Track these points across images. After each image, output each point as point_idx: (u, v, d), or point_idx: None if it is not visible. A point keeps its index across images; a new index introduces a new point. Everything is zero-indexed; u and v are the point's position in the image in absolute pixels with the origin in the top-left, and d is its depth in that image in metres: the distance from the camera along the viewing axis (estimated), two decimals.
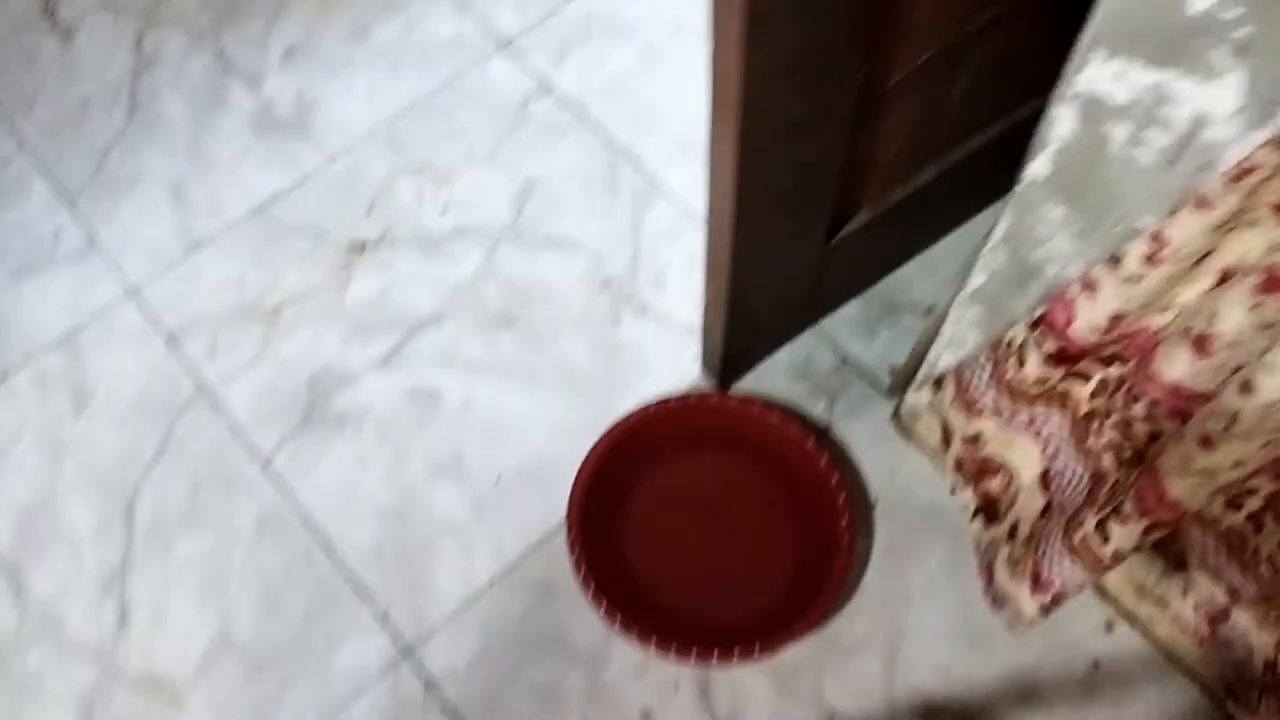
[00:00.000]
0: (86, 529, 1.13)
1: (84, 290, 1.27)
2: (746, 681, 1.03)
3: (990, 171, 1.15)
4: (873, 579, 1.07)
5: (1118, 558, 0.75)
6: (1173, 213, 0.60)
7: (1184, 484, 0.65)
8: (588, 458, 1.07)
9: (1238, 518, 0.79)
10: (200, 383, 1.20)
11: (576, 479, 1.06)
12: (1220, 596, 0.90)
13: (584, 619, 1.04)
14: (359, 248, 1.28)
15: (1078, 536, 0.78)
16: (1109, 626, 1.04)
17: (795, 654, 1.00)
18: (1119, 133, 0.59)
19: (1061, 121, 0.62)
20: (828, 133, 0.80)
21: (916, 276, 1.23)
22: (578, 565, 1.02)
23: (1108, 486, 0.81)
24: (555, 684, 1.04)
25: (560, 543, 1.08)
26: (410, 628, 1.07)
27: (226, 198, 1.32)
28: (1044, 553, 0.85)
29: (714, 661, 0.98)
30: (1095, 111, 0.59)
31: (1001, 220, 0.75)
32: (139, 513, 1.13)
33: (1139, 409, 0.75)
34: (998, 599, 0.97)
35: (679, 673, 1.03)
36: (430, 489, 1.13)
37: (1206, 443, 0.62)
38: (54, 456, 1.17)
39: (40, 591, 1.10)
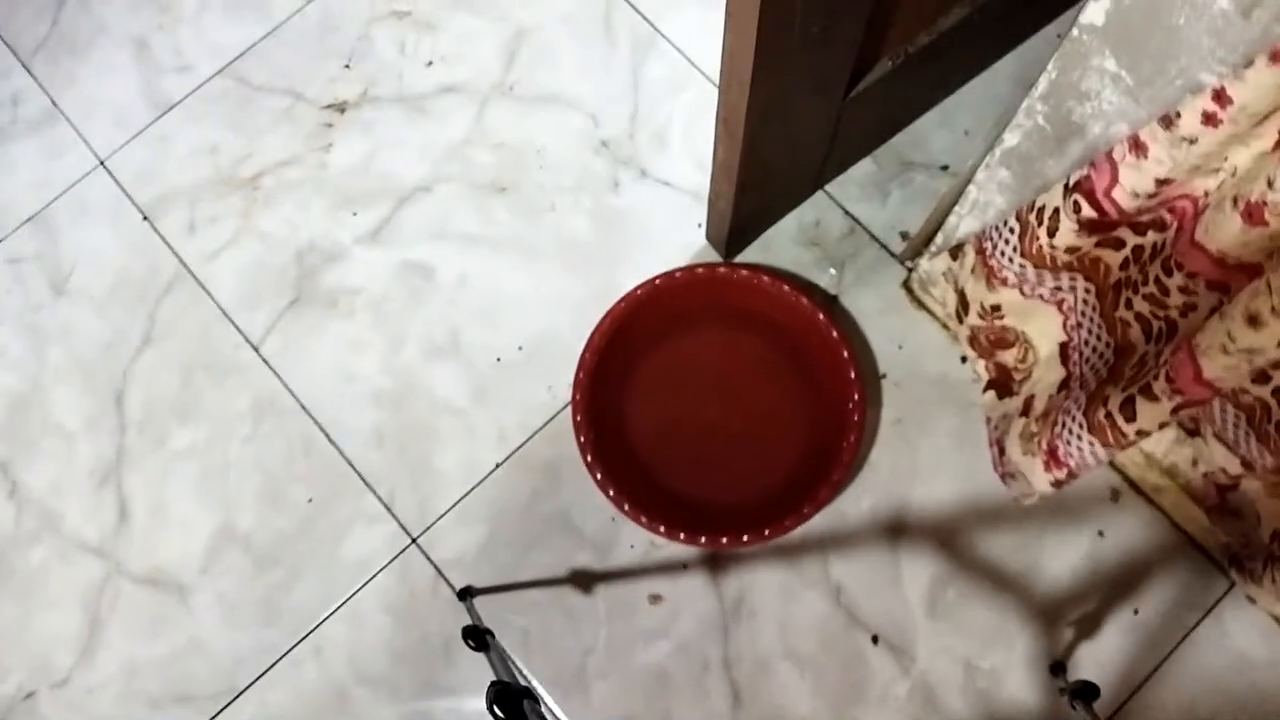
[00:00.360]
0: (77, 421, 1.10)
1: (51, 161, 1.19)
2: (753, 560, 1.03)
3: (1015, 14, 1.07)
4: (879, 454, 1.06)
5: (1141, 435, 0.73)
6: (1243, 68, 0.53)
7: (1223, 362, 0.62)
8: (592, 337, 1.03)
9: (1264, 390, 0.76)
10: (182, 261, 1.15)
11: (581, 360, 1.02)
12: (1234, 467, 0.88)
13: (591, 501, 1.03)
14: (339, 108, 1.19)
15: (1100, 413, 0.75)
16: (1115, 495, 1.03)
17: (802, 531, 0.99)
18: None
19: None
20: None
21: (930, 132, 1.15)
22: (585, 451, 1.00)
23: (1134, 360, 0.77)
24: (563, 568, 1.04)
25: (564, 424, 1.06)
26: (416, 514, 1.06)
27: (193, 53, 1.22)
28: (1061, 428, 0.83)
29: (723, 544, 0.98)
30: None
31: (1044, 74, 0.68)
32: (129, 402, 1.11)
33: (1176, 280, 0.70)
34: (1009, 473, 0.96)
35: (687, 553, 1.03)
36: (428, 371, 1.10)
37: (1253, 321, 0.58)
38: (36, 343, 1.13)
39: (35, 488, 1.09)
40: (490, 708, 0.69)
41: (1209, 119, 0.57)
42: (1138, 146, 0.63)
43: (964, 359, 1.08)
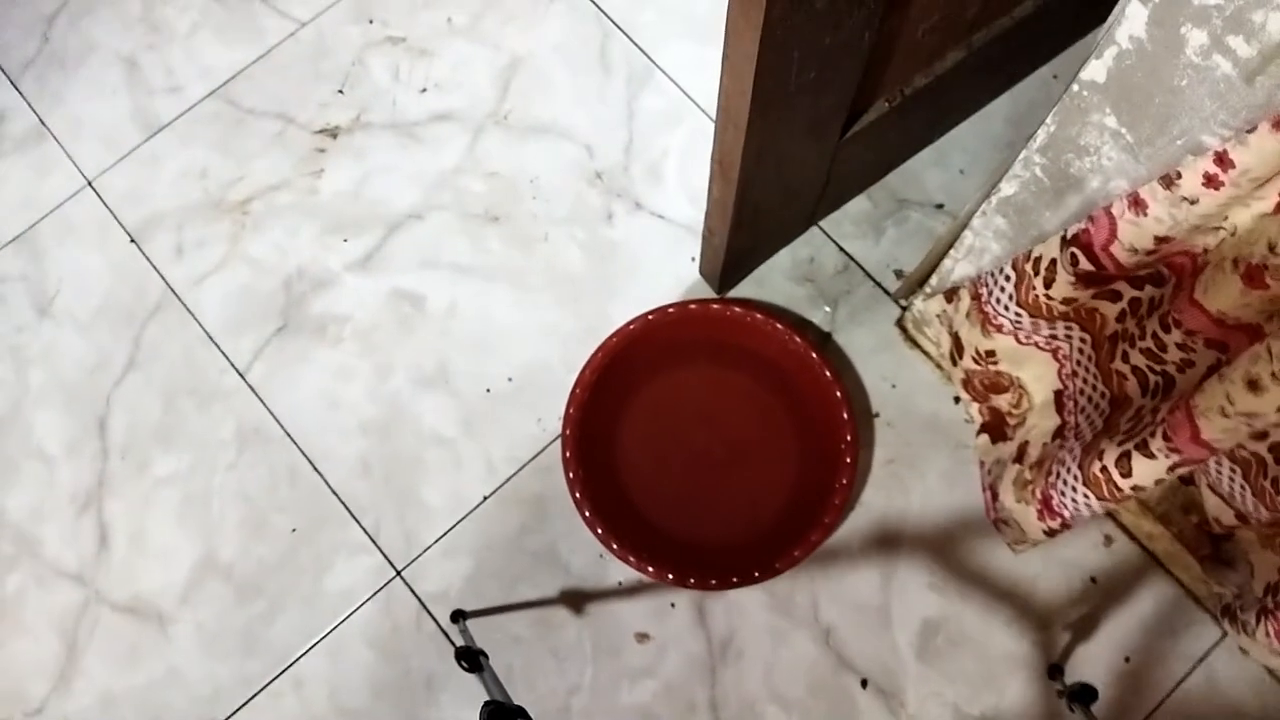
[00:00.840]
0: (58, 445, 1.08)
1: (38, 180, 1.18)
2: (742, 600, 1.02)
3: (1011, 56, 1.07)
4: (871, 494, 1.04)
5: (1137, 490, 0.72)
6: (1246, 133, 0.52)
7: (1221, 424, 0.61)
8: (583, 371, 1.02)
9: (1260, 446, 0.75)
10: (168, 285, 1.13)
11: (571, 394, 1.01)
12: (1228, 519, 0.88)
13: (579, 537, 1.02)
14: (331, 133, 1.18)
15: (1095, 466, 0.74)
16: (1108, 541, 1.02)
17: (792, 571, 0.98)
18: (1197, 38, 0.51)
19: (1132, 20, 0.54)
20: (859, 15, 0.71)
21: (925, 170, 1.15)
22: (573, 487, 0.98)
23: (1130, 414, 0.76)
24: (550, 604, 1.02)
25: (553, 457, 1.05)
26: (401, 546, 1.04)
27: (184, 75, 1.21)
28: (1056, 478, 0.82)
29: (711, 586, 0.97)
30: (1174, 10, 0.51)
31: (1043, 127, 0.67)
32: (112, 427, 1.09)
33: (1174, 336, 0.69)
34: (1002, 519, 0.95)
35: (675, 592, 1.02)
36: (416, 400, 1.08)
37: (1254, 386, 0.57)
38: (18, 365, 1.11)
39: (14, 512, 1.07)
40: None
41: (1210, 180, 0.57)
42: (1137, 204, 0.62)
43: (957, 399, 1.07)
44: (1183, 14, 0.51)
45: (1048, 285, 0.75)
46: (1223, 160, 0.55)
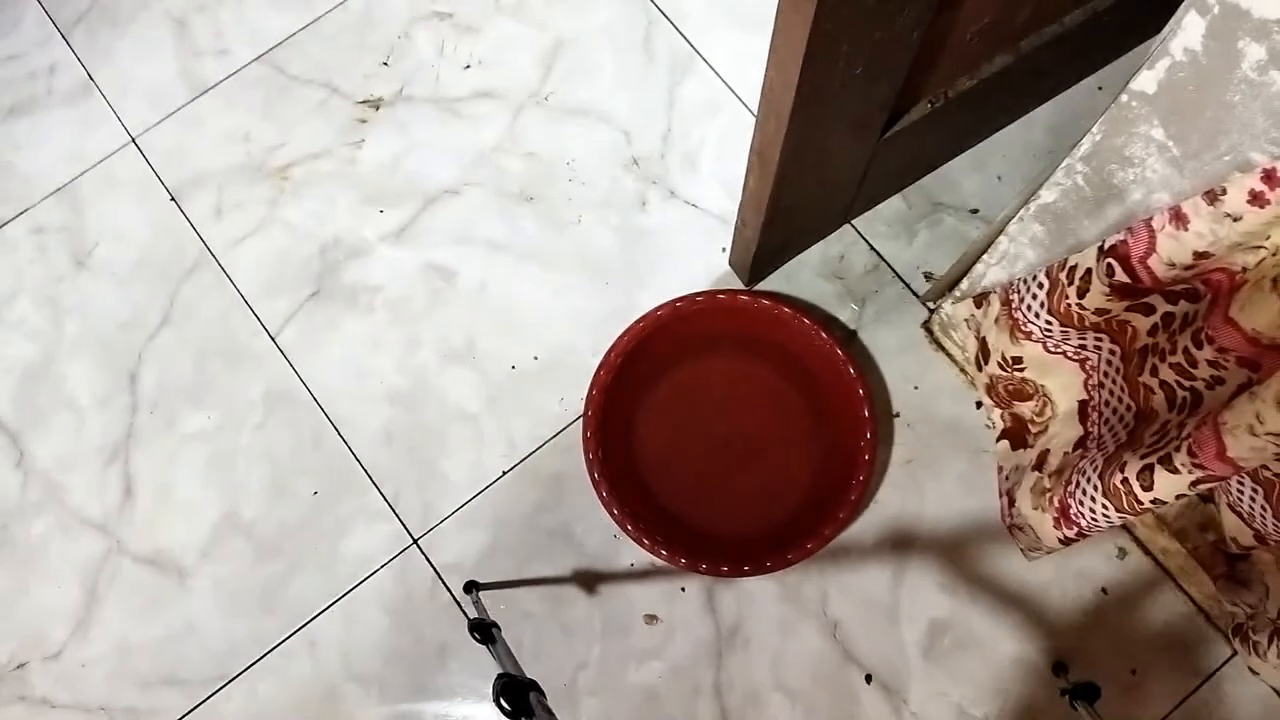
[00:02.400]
0: (89, 397, 1.10)
1: (83, 134, 1.19)
2: (752, 588, 1.02)
3: (1058, 64, 1.06)
4: (887, 492, 1.05)
5: (1157, 504, 0.72)
6: None
7: (1249, 443, 0.61)
8: (609, 354, 1.02)
9: None
10: (206, 245, 1.15)
11: (596, 377, 1.02)
12: (1246, 539, 0.88)
13: (594, 517, 1.03)
14: (374, 104, 1.19)
15: (1116, 478, 0.75)
16: (1121, 554, 1.03)
17: (802, 564, 0.99)
18: (1255, 52, 0.51)
19: (1189, 32, 0.54)
20: (911, 12, 0.71)
21: (962, 174, 1.15)
22: (592, 468, 0.99)
23: (1155, 428, 0.76)
24: (562, 581, 1.04)
25: (573, 437, 1.06)
26: (419, 515, 1.06)
27: (232, 38, 1.22)
28: (1075, 487, 0.82)
29: (723, 572, 0.98)
30: (1232, 24, 0.51)
31: (1088, 135, 0.67)
32: (143, 382, 1.11)
33: (1206, 353, 0.69)
34: (1017, 526, 0.95)
35: (686, 576, 1.03)
36: (442, 374, 1.10)
37: None
38: (54, 315, 1.13)
39: (43, 459, 1.09)
40: (497, 700, 0.69)
41: (1256, 198, 0.57)
42: (1179, 218, 0.62)
43: (979, 404, 1.07)
44: (1241, 28, 0.51)
45: (1081, 295, 0.75)
46: (1271, 178, 0.55)
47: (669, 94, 1.18)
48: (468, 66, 1.20)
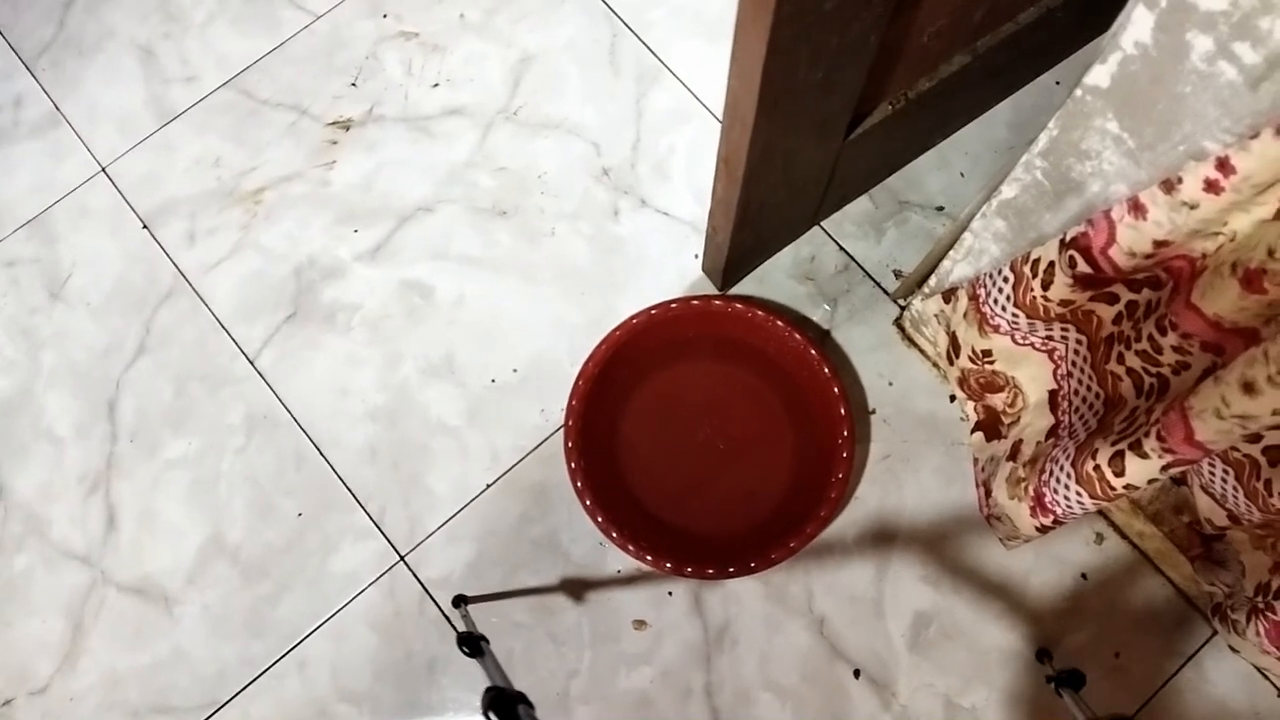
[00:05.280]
0: (68, 427, 1.10)
1: (52, 165, 1.19)
2: (738, 589, 1.03)
3: (1014, 62, 1.09)
4: (866, 488, 1.06)
5: (1130, 489, 0.74)
6: (1249, 139, 0.54)
7: (1216, 426, 0.63)
8: (586, 364, 1.03)
9: (1254, 449, 0.77)
10: (180, 271, 1.15)
11: (575, 387, 1.03)
12: (1220, 519, 0.89)
13: (579, 526, 1.04)
14: (344, 125, 1.20)
15: (1089, 465, 0.76)
16: (1099, 539, 1.04)
17: (787, 562, 1.00)
18: (1202, 44, 0.53)
19: (1138, 25, 0.55)
20: (866, 17, 0.72)
21: (926, 173, 1.17)
22: (575, 477, 1.00)
23: (1124, 414, 0.78)
24: (550, 590, 1.04)
25: (555, 447, 1.06)
26: (405, 532, 1.06)
27: (200, 65, 1.23)
28: (1049, 476, 0.84)
29: (708, 575, 0.98)
30: (1180, 17, 0.53)
31: (1045, 132, 0.69)
32: (122, 410, 1.10)
33: (1170, 339, 0.71)
34: (994, 516, 0.97)
35: (672, 581, 1.04)
36: (423, 389, 1.10)
37: (1249, 389, 0.59)
38: (30, 347, 1.13)
39: (23, 492, 1.08)
40: (486, 713, 0.69)
41: (1211, 186, 0.58)
42: (1137, 208, 0.64)
43: (953, 398, 1.09)
44: (1189, 20, 0.52)
45: (1045, 287, 0.77)
46: (1224, 166, 0.57)
47: (637, 105, 1.20)
48: (436, 85, 1.21)
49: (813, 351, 1.02)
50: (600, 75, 1.21)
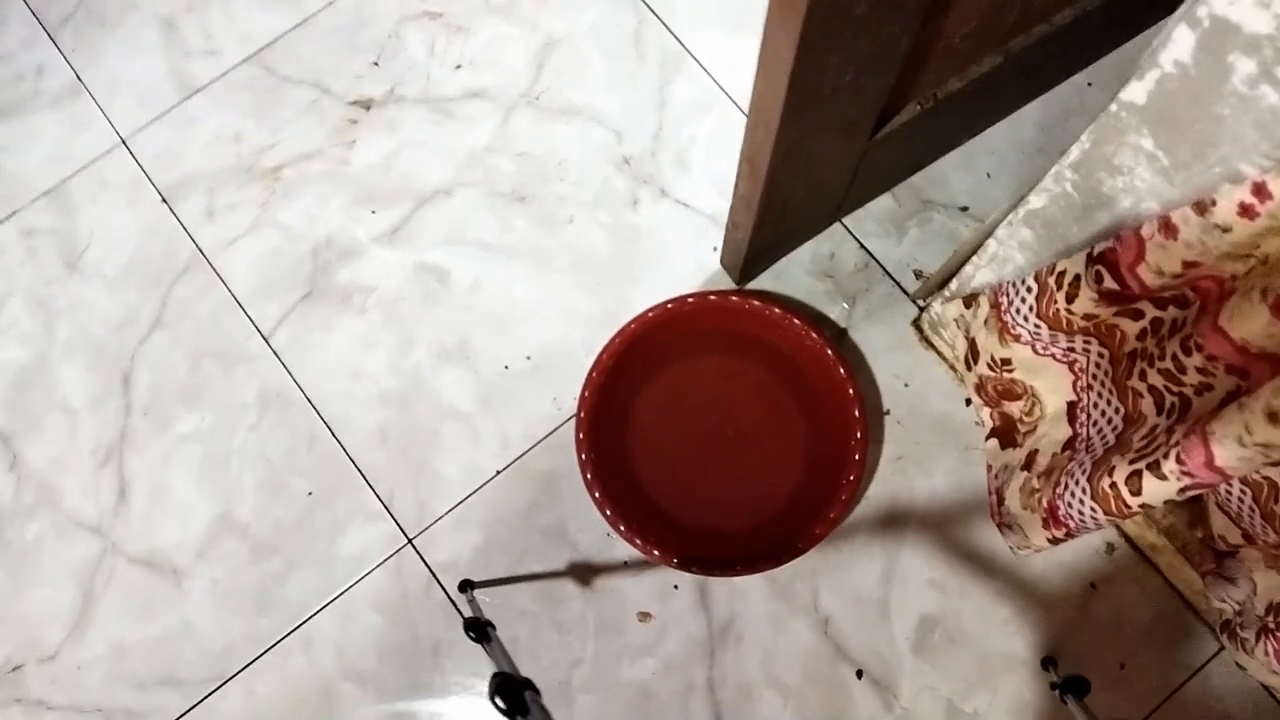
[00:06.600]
0: (82, 400, 1.10)
1: (72, 136, 1.19)
2: (744, 585, 1.03)
3: (1047, 63, 1.07)
4: (878, 489, 1.06)
5: (1146, 508, 0.73)
6: None
7: (1238, 453, 0.62)
8: (601, 355, 1.03)
9: (1275, 472, 0.76)
10: (198, 247, 1.15)
11: (588, 378, 1.02)
12: (1234, 537, 0.89)
13: (587, 516, 1.04)
14: (365, 105, 1.19)
15: (1105, 482, 0.75)
16: (1110, 549, 1.04)
17: (794, 561, 1.00)
18: (1245, 66, 0.51)
19: (1178, 44, 0.54)
20: (898, 21, 0.71)
21: (951, 172, 1.15)
22: (585, 468, 1.00)
23: (1143, 431, 0.77)
24: (556, 579, 1.04)
25: (566, 437, 1.06)
26: (414, 515, 1.06)
27: (222, 38, 1.22)
28: (1063, 489, 0.83)
29: (715, 573, 0.98)
30: (1223, 38, 0.51)
31: (1077, 144, 0.68)
32: (136, 384, 1.11)
33: (1195, 360, 0.70)
34: (1005, 524, 0.96)
35: (678, 574, 1.04)
36: (436, 374, 1.10)
37: (1274, 418, 0.58)
38: (46, 318, 1.13)
39: (36, 463, 1.09)
40: (492, 699, 0.69)
41: (1246, 210, 0.57)
42: (1168, 227, 0.63)
43: (969, 402, 1.08)
44: (1232, 42, 0.51)
45: (1069, 300, 0.76)
46: (1261, 191, 0.56)
47: (660, 93, 1.18)
48: (459, 66, 1.20)
49: (829, 351, 1.01)
50: (624, 62, 1.19)
